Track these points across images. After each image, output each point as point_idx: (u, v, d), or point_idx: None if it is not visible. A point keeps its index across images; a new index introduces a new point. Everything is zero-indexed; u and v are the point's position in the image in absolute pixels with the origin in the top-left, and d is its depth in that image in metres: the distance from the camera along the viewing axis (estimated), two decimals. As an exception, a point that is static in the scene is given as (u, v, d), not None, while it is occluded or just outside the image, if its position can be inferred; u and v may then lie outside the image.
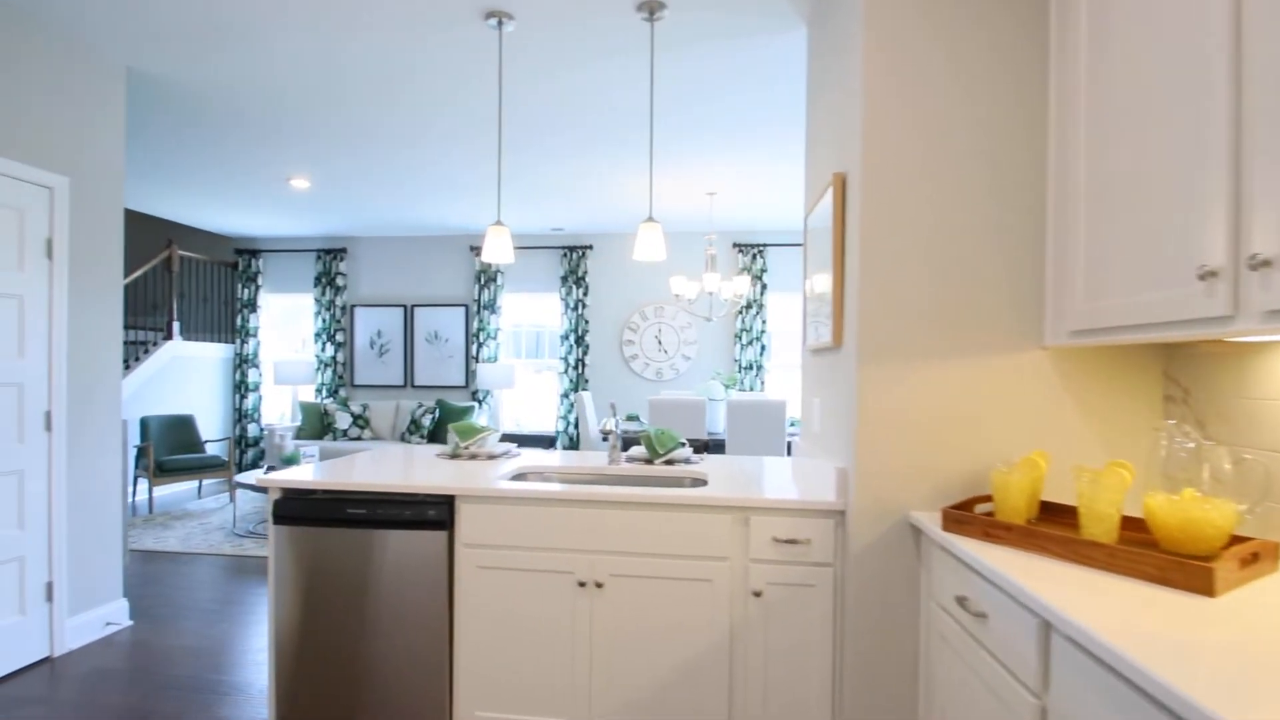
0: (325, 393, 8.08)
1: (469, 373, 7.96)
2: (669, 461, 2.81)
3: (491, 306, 7.79)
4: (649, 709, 2.20)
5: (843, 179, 2.15)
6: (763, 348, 7.39)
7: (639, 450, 2.91)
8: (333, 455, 6.92)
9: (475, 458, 2.95)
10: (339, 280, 8.06)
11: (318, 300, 8.09)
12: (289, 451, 5.29)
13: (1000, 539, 1.59)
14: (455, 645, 2.30)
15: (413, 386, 8.08)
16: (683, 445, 2.87)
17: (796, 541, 2.11)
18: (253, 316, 8.15)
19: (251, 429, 8.10)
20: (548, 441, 7.81)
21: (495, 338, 7.82)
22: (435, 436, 7.36)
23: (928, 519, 1.85)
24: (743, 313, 7.40)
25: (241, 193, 6.24)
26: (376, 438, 7.51)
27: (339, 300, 8.07)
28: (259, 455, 8.13)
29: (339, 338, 8.09)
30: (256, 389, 8.13)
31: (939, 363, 1.95)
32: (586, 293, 7.69)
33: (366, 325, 8.13)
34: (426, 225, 7.51)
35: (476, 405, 7.50)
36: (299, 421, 7.82)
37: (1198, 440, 1.48)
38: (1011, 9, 1.92)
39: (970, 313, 1.95)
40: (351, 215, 7.08)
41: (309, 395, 8.38)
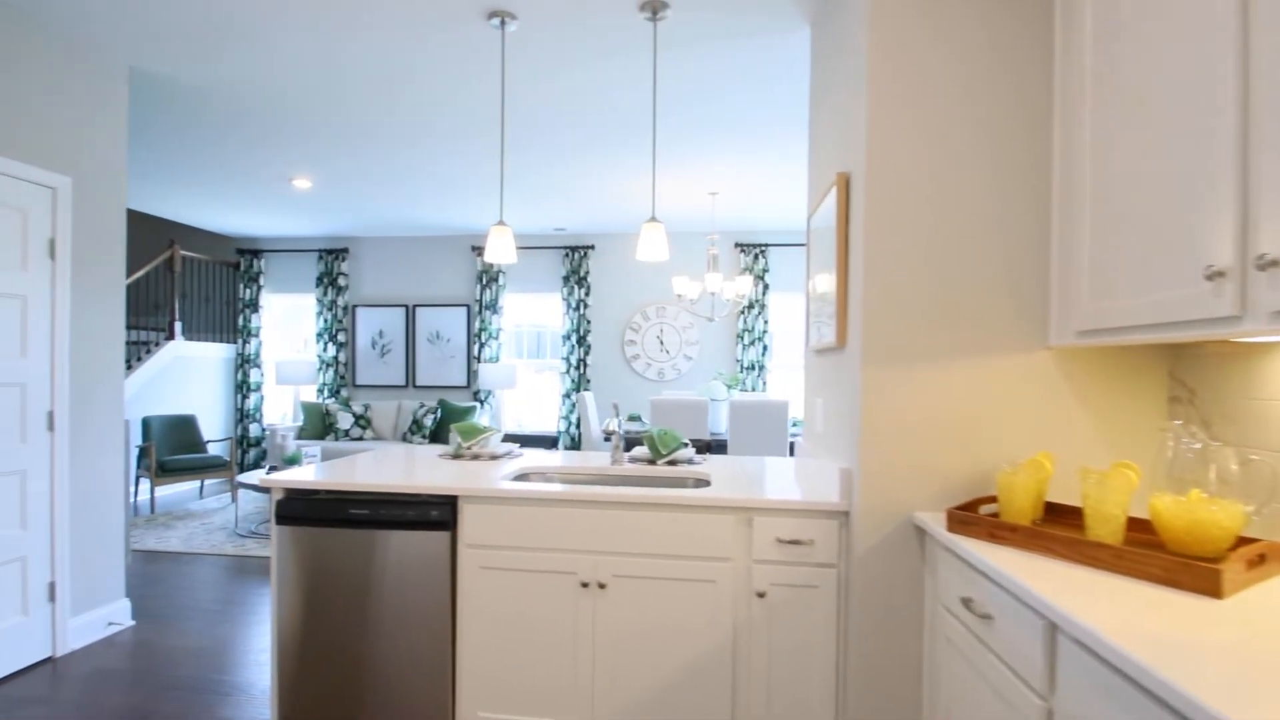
0: (327, 393, 8.08)
1: (471, 373, 7.96)
2: (672, 462, 2.81)
3: (493, 306, 7.79)
4: (652, 710, 2.20)
5: (846, 179, 2.15)
6: (765, 348, 7.38)
7: (642, 451, 2.90)
8: (334, 455, 6.92)
9: (478, 458, 2.95)
10: (341, 280, 8.06)
11: (319, 300, 8.09)
12: (291, 451, 5.29)
13: (1006, 540, 1.59)
14: (458, 646, 2.30)
15: (414, 387, 8.08)
16: (686, 446, 2.86)
17: (800, 542, 2.11)
18: (255, 316, 8.16)
19: (253, 429, 8.10)
20: (550, 442, 7.81)
21: (497, 338, 7.82)
22: (437, 437, 7.36)
23: (932, 520, 1.85)
24: (745, 313, 7.39)
25: (243, 193, 6.25)
26: (378, 438, 7.51)
27: (341, 300, 8.07)
28: (261, 455, 8.13)
29: (341, 338, 8.09)
30: (258, 389, 8.13)
31: (943, 363, 1.95)
32: (588, 293, 7.68)
33: (368, 325, 8.13)
34: (428, 225, 7.51)
35: (478, 405, 7.50)
36: (301, 421, 7.83)
37: (1204, 441, 1.47)
38: (1014, 9, 1.92)
39: (974, 312, 1.94)
40: (353, 215, 7.08)
41: (311, 395, 8.39)
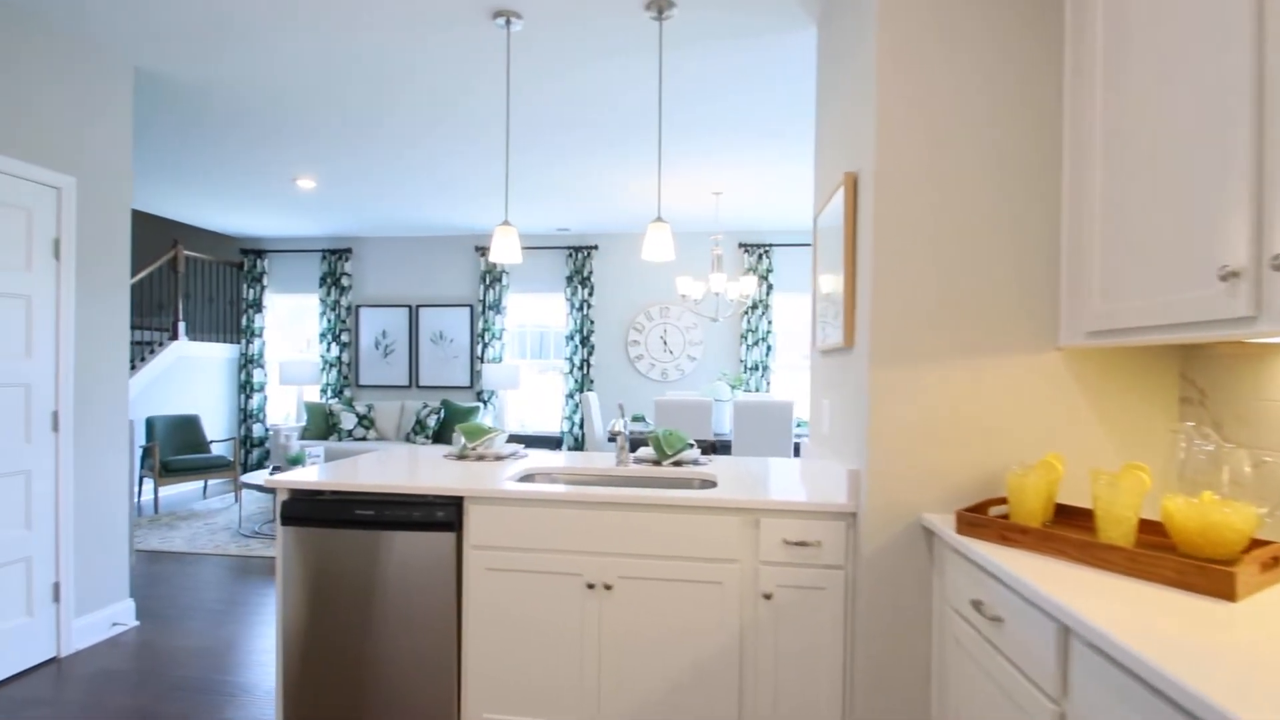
0: (330, 393, 8.08)
1: (474, 373, 7.96)
2: (677, 463, 2.80)
3: (496, 307, 7.79)
4: (658, 711, 2.19)
5: (854, 179, 2.14)
6: (768, 348, 7.36)
7: (647, 451, 2.89)
8: (338, 456, 6.92)
9: (482, 459, 2.94)
10: (344, 280, 8.06)
11: (323, 300, 8.09)
12: (294, 452, 5.29)
13: (1016, 542, 1.58)
14: (463, 647, 2.29)
15: (417, 387, 8.08)
16: (691, 446, 2.85)
17: (807, 544, 2.10)
18: (258, 317, 8.16)
19: (257, 429, 8.11)
20: (553, 442, 7.80)
21: (500, 338, 7.82)
22: (440, 437, 7.36)
23: (941, 521, 1.84)
24: (748, 313, 7.38)
25: (247, 193, 6.25)
26: (381, 438, 7.51)
27: (344, 300, 8.07)
28: (264, 455, 8.14)
29: (344, 338, 8.09)
30: (262, 389, 8.14)
31: (952, 363, 1.93)
32: (592, 293, 7.67)
33: (371, 325, 8.13)
34: (431, 225, 7.51)
35: (481, 406, 7.50)
36: (304, 422, 7.83)
37: (1217, 442, 1.46)
38: (1022, 10, 1.91)
39: (983, 313, 1.93)
40: (357, 215, 7.08)
41: (314, 395, 8.38)
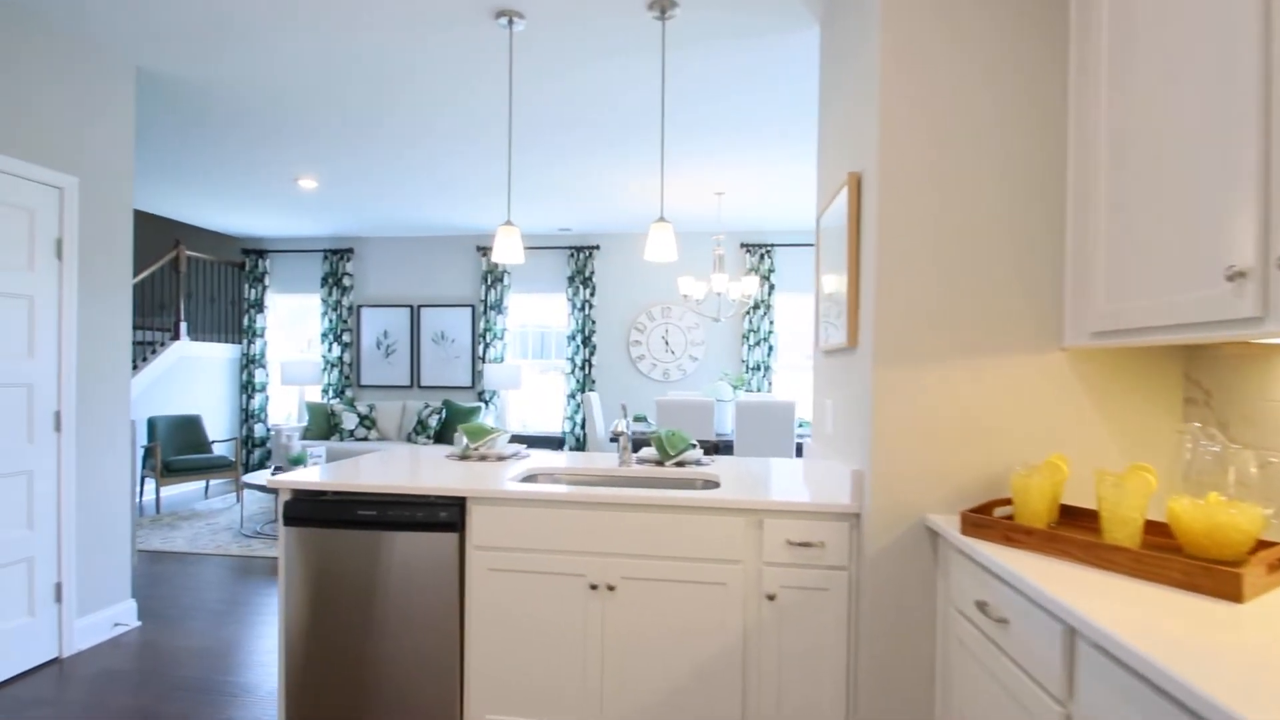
0: (332, 393, 8.08)
1: (475, 373, 7.96)
2: (680, 463, 2.80)
3: (498, 307, 7.78)
4: (662, 712, 2.19)
5: (858, 179, 2.13)
6: (770, 348, 7.36)
7: (649, 452, 2.89)
8: (339, 456, 6.92)
9: (485, 459, 2.94)
10: (345, 280, 8.06)
11: (324, 300, 8.09)
12: (296, 452, 5.29)
13: (1021, 543, 1.57)
14: (466, 648, 2.29)
15: (419, 387, 8.08)
16: (694, 447, 2.85)
17: (810, 544, 2.09)
18: (259, 317, 8.16)
19: (258, 429, 8.11)
20: (555, 443, 7.80)
21: (502, 338, 7.81)
22: (442, 437, 7.36)
23: (945, 522, 1.83)
24: (750, 313, 7.37)
25: (249, 193, 6.25)
26: (383, 438, 7.51)
27: (345, 300, 8.07)
28: (265, 455, 8.14)
29: (345, 338, 8.09)
30: (263, 389, 8.14)
31: (956, 364, 1.93)
32: (593, 293, 7.67)
33: (373, 325, 8.13)
34: (433, 225, 7.51)
35: (483, 406, 7.49)
36: (305, 422, 7.83)
37: (1223, 443, 1.46)
38: (1026, 10, 1.90)
39: (987, 313, 1.92)
40: (358, 215, 7.08)
41: (315, 395, 8.39)
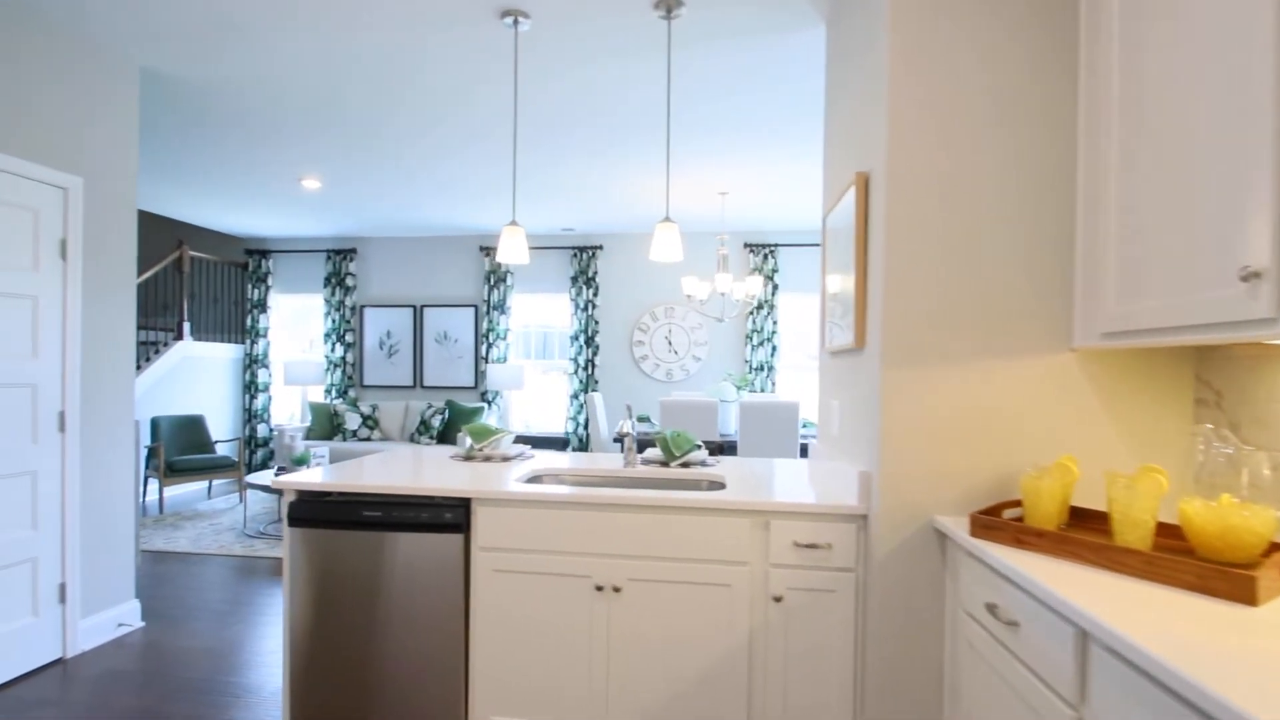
0: (334, 393, 8.08)
1: (478, 373, 7.95)
2: (685, 464, 2.78)
3: (501, 307, 7.78)
4: (667, 714, 2.18)
5: (865, 178, 2.12)
6: (774, 349, 7.34)
7: (654, 453, 2.88)
8: (343, 456, 6.92)
9: (489, 460, 2.93)
10: (348, 281, 8.06)
11: (327, 301, 8.09)
12: (299, 452, 5.28)
13: (1032, 545, 1.56)
14: (471, 649, 2.28)
15: (422, 387, 8.07)
16: (699, 448, 2.84)
17: (817, 546, 2.08)
18: (263, 317, 8.16)
19: (261, 429, 8.11)
20: (558, 443, 7.79)
21: (505, 338, 7.81)
22: (444, 437, 7.35)
23: (954, 524, 1.82)
24: (754, 313, 7.36)
25: (252, 193, 6.25)
26: (385, 438, 7.51)
27: (348, 301, 8.07)
28: (269, 456, 8.14)
29: (348, 338, 8.09)
30: (266, 389, 8.14)
31: (965, 365, 1.92)
32: (596, 293, 7.66)
33: (376, 326, 8.13)
34: (436, 225, 7.50)
35: (486, 406, 7.48)
36: (308, 422, 7.83)
37: (1236, 445, 1.44)
38: (1035, 10, 1.89)
39: (996, 314, 1.91)
40: (361, 216, 7.07)
41: (318, 396, 8.39)
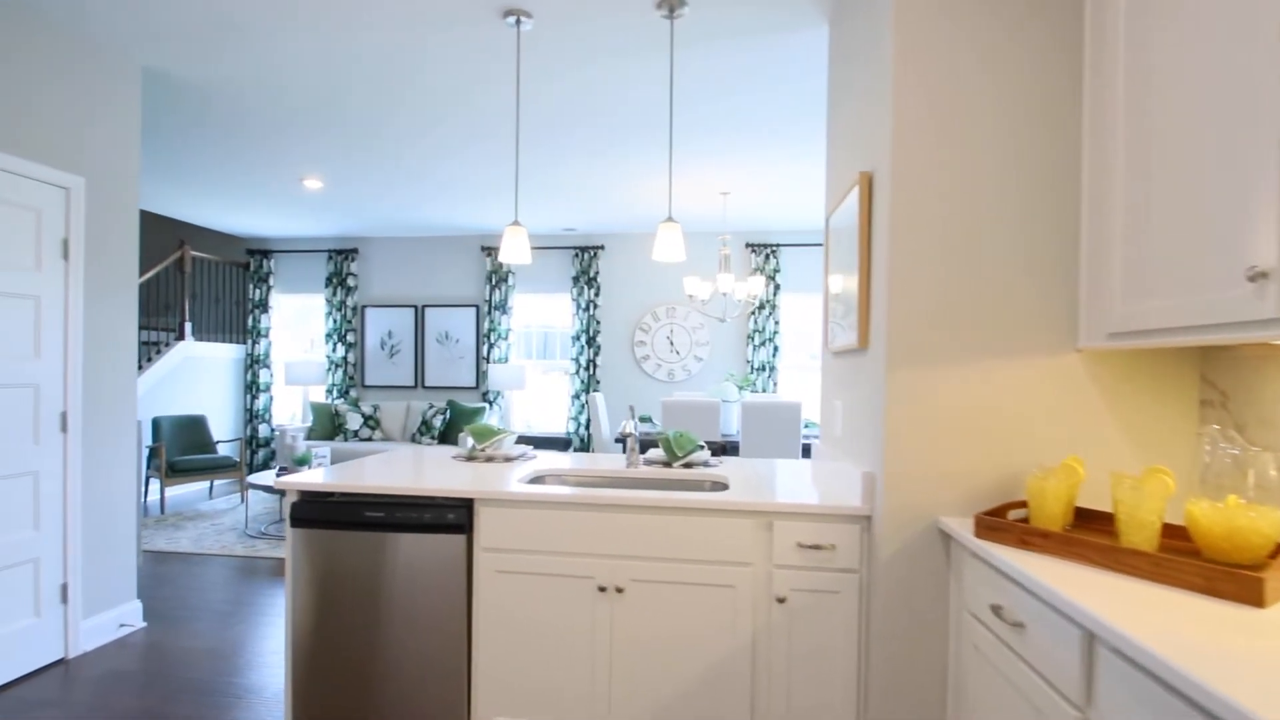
0: (336, 393, 8.08)
1: (480, 374, 7.95)
2: (688, 464, 2.78)
3: (502, 307, 7.77)
4: (670, 715, 2.17)
5: (869, 178, 2.11)
6: (775, 349, 7.33)
7: (657, 453, 2.88)
8: (344, 456, 6.92)
9: (492, 460, 2.93)
10: (350, 281, 8.06)
11: (329, 301, 8.09)
12: (301, 452, 5.28)
13: (1037, 547, 1.55)
14: (473, 650, 2.28)
15: (423, 387, 8.07)
16: (701, 448, 2.83)
17: (821, 547, 2.08)
18: (264, 317, 8.16)
19: (263, 429, 8.11)
20: (559, 443, 7.79)
21: (506, 338, 7.80)
22: (446, 438, 7.35)
23: (958, 525, 1.81)
24: (756, 313, 7.35)
25: (254, 193, 6.24)
26: (387, 439, 7.50)
27: (350, 301, 8.07)
28: (270, 456, 8.14)
29: (350, 338, 8.08)
30: (267, 389, 8.14)
31: (969, 365, 1.91)
32: (598, 293, 7.66)
33: (377, 326, 8.13)
34: (437, 225, 7.50)
35: (487, 406, 7.48)
36: (310, 422, 7.83)
37: (1242, 446, 1.44)
38: (1039, 10, 1.88)
39: (1001, 314, 1.91)
40: (363, 216, 7.07)
41: (320, 396, 8.39)
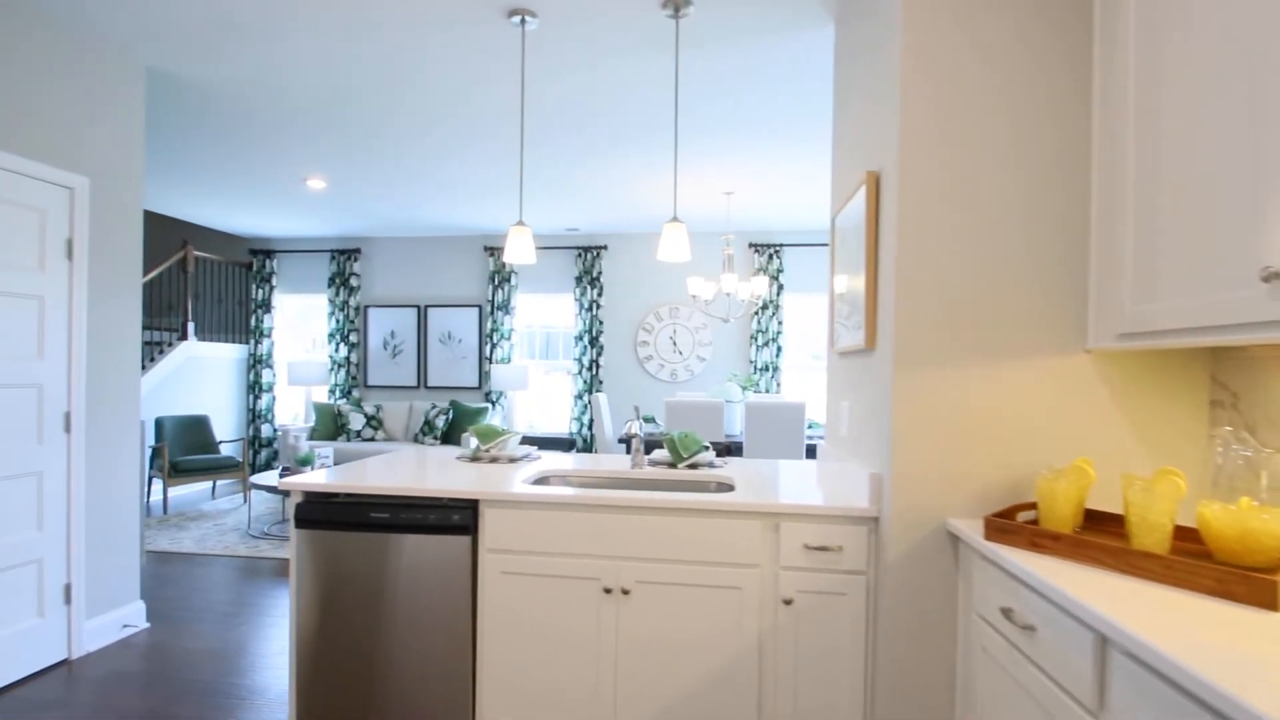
0: (338, 393, 8.08)
1: (482, 374, 7.94)
2: (693, 465, 2.77)
3: (505, 307, 7.77)
4: (676, 717, 2.16)
5: (876, 177, 2.10)
6: (778, 349, 7.32)
7: (662, 454, 2.87)
8: (347, 456, 6.92)
9: (496, 461, 2.92)
10: (353, 281, 8.06)
11: (331, 301, 8.09)
12: (304, 453, 5.28)
13: (1047, 549, 1.54)
14: (478, 651, 2.27)
15: (426, 387, 8.06)
16: (706, 449, 2.82)
17: (828, 549, 2.07)
18: (267, 317, 8.16)
19: (265, 429, 8.11)
20: (563, 444, 7.78)
21: (509, 338, 7.80)
22: (448, 438, 7.34)
23: (967, 527, 1.80)
24: (759, 314, 7.34)
25: (256, 193, 6.24)
26: (389, 439, 7.50)
27: (352, 301, 8.07)
28: (273, 456, 8.13)
29: (352, 338, 8.08)
30: (270, 389, 8.13)
31: (978, 366, 1.90)
32: (601, 293, 7.65)
33: (380, 326, 8.12)
34: (440, 225, 7.49)
35: (490, 407, 7.47)
36: (312, 422, 7.83)
37: (1255, 447, 1.43)
38: (1047, 10, 1.87)
39: (1009, 315, 1.90)
40: (365, 215, 7.07)
41: (322, 396, 8.39)
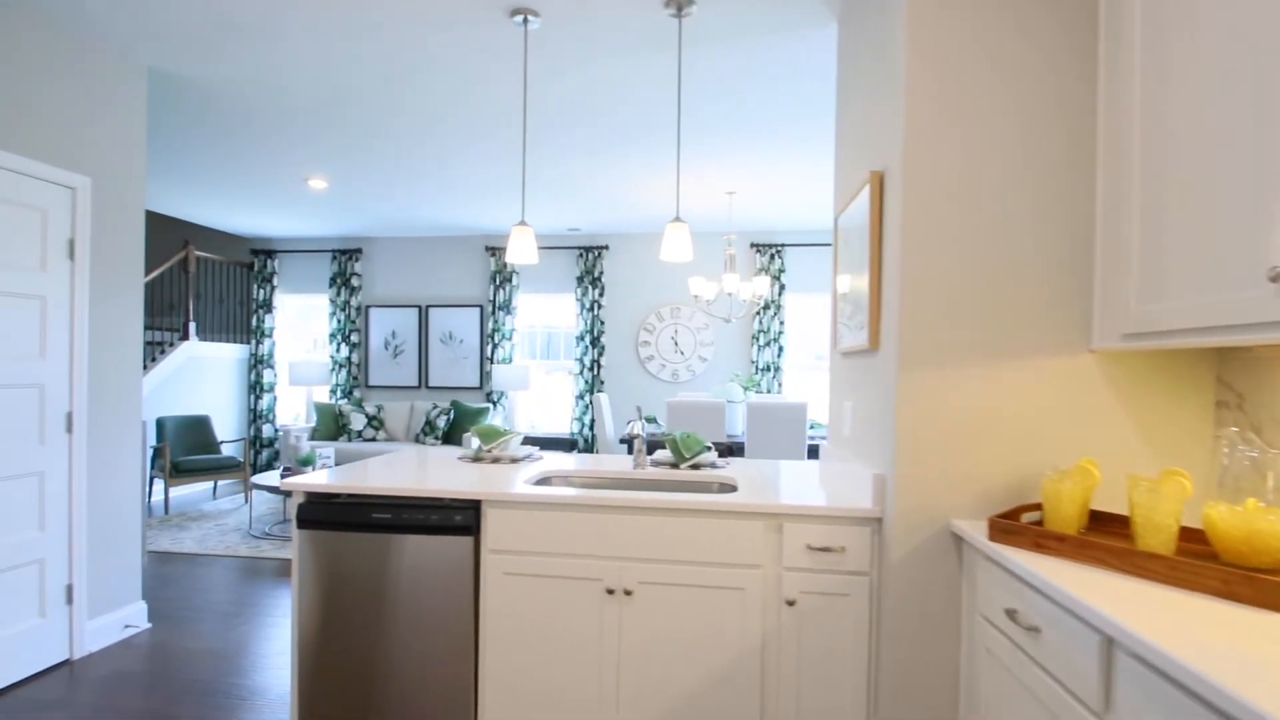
0: (340, 393, 8.08)
1: (484, 374, 7.94)
2: (695, 466, 2.77)
3: (507, 307, 7.76)
4: (679, 718, 2.16)
5: (880, 177, 2.10)
6: (780, 349, 7.32)
7: (664, 454, 2.86)
8: (348, 456, 6.91)
9: (498, 461, 2.92)
10: (354, 281, 8.06)
11: (332, 301, 8.09)
12: (305, 453, 5.27)
13: (1052, 550, 1.53)
14: (481, 652, 2.26)
15: (427, 387, 8.06)
16: (709, 449, 2.82)
17: (831, 549, 2.06)
18: (268, 317, 8.16)
19: (266, 430, 8.11)
20: (564, 444, 7.78)
21: (510, 339, 7.79)
22: (450, 438, 7.34)
23: (971, 528, 1.80)
24: (760, 313, 7.33)
25: (258, 193, 6.24)
26: (391, 439, 7.50)
27: (354, 301, 8.07)
28: (274, 456, 8.13)
29: (353, 338, 8.08)
30: (271, 389, 8.14)
31: (982, 366, 1.89)
32: (602, 293, 7.65)
33: (381, 326, 8.12)
34: (441, 225, 7.49)
35: (491, 407, 7.47)
36: (314, 422, 7.82)
37: (1261, 448, 1.42)
38: (1053, 7, 1.87)
39: (1013, 315, 1.89)
40: (367, 216, 7.07)
41: (323, 396, 8.39)
